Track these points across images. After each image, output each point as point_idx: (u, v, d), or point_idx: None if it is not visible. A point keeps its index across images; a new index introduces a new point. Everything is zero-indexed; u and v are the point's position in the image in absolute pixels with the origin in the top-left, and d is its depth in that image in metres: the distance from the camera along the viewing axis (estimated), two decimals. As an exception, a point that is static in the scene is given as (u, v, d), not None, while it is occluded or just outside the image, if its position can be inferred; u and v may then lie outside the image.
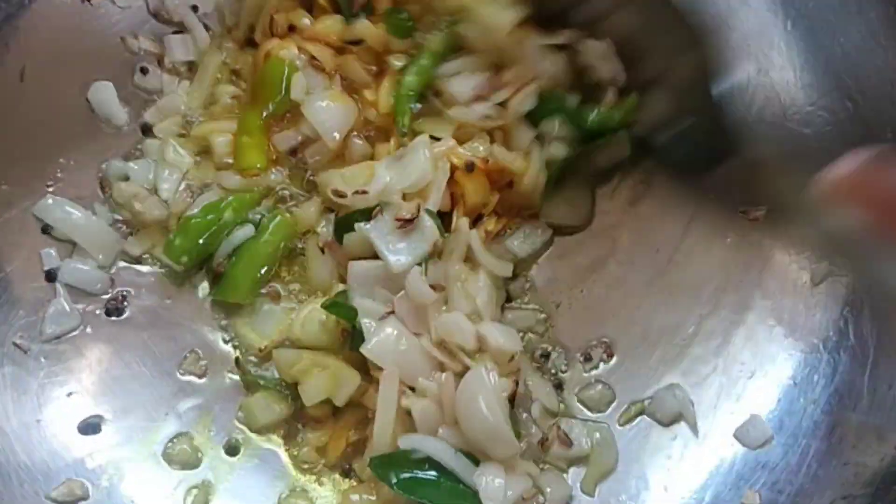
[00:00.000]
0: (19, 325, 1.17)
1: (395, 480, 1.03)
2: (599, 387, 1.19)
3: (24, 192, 1.20)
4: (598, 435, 1.17)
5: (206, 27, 1.28)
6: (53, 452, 1.13)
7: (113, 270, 1.22)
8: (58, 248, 1.21)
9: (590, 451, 1.15)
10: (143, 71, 1.26)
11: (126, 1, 1.27)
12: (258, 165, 1.22)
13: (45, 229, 1.21)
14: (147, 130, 1.26)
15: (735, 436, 1.15)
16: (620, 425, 1.18)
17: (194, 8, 1.28)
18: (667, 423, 1.17)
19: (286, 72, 1.20)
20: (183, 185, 1.23)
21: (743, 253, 1.21)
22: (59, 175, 1.23)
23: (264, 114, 1.21)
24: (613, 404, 1.19)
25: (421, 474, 1.04)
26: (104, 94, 1.25)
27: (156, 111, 1.26)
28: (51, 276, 1.20)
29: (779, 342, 1.18)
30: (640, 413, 1.18)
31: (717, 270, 1.21)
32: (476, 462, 1.05)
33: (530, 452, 1.15)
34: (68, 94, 1.24)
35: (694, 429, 1.16)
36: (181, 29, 1.28)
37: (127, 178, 1.23)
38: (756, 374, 1.17)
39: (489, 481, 1.03)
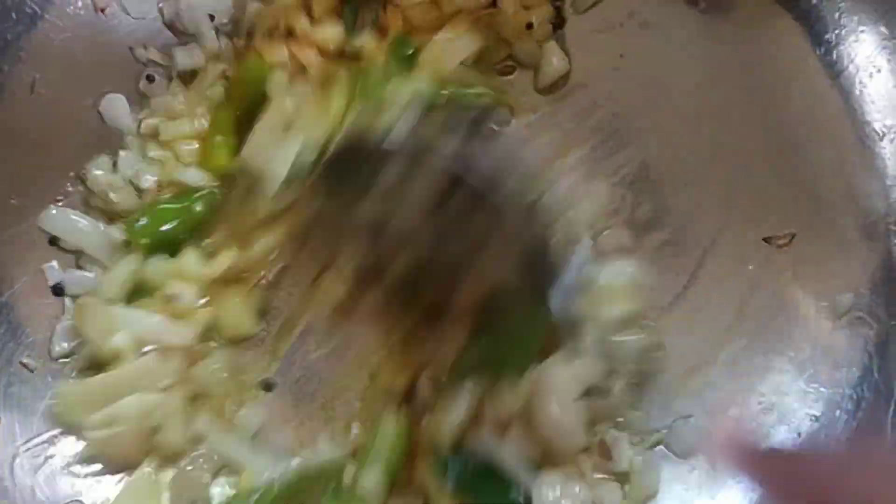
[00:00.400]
0: (27, 344, 1.15)
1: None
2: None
3: (34, 207, 1.18)
4: (639, 459, 1.14)
5: (219, 31, 1.25)
6: (60, 476, 1.11)
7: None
8: (61, 261, 1.18)
9: (629, 470, 1.13)
10: (150, 79, 1.24)
11: (140, 11, 1.24)
12: (223, 165, 1.19)
13: (53, 241, 1.19)
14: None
15: (754, 470, 1.13)
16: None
17: (211, 17, 1.25)
18: (683, 456, 1.15)
19: (265, 69, 1.18)
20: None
21: (765, 281, 1.18)
22: (69, 189, 1.21)
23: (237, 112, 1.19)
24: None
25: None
26: (116, 107, 1.23)
27: (149, 111, 1.24)
28: (58, 290, 1.17)
29: (799, 375, 1.15)
30: (657, 444, 1.15)
31: (737, 299, 1.18)
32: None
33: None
34: (80, 106, 1.21)
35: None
36: (194, 40, 1.26)
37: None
38: (776, 408, 1.14)
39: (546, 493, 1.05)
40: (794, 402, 1.15)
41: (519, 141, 1.23)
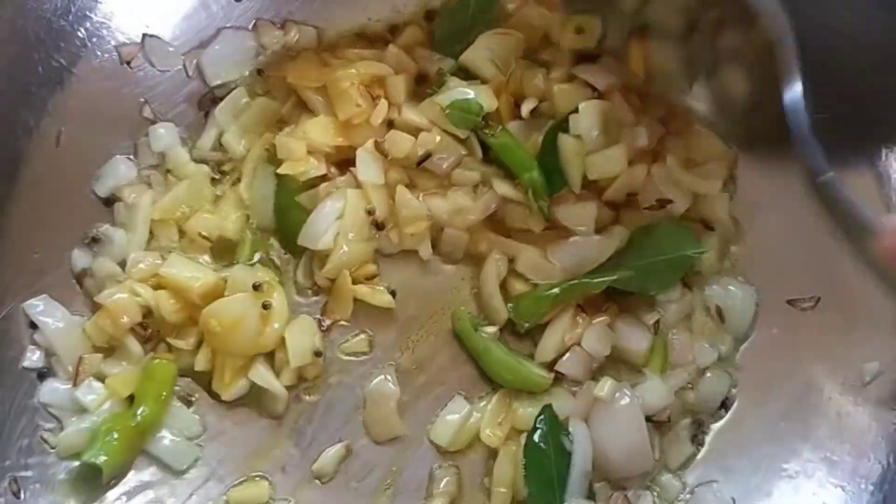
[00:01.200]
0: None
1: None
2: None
3: (56, 261, 1.18)
4: None
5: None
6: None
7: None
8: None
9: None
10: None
11: (165, 64, 1.25)
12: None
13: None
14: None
15: (778, 542, 1.12)
16: (657, 521, 1.15)
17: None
18: (707, 524, 1.14)
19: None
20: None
21: (788, 345, 1.17)
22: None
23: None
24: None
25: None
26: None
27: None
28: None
29: (826, 441, 1.14)
30: (682, 512, 1.15)
31: (760, 362, 1.18)
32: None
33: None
34: (104, 159, 1.21)
35: (733, 531, 1.13)
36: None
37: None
38: (800, 476, 1.13)
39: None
40: (819, 469, 1.13)
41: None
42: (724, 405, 1.17)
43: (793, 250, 1.18)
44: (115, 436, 1.10)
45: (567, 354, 1.15)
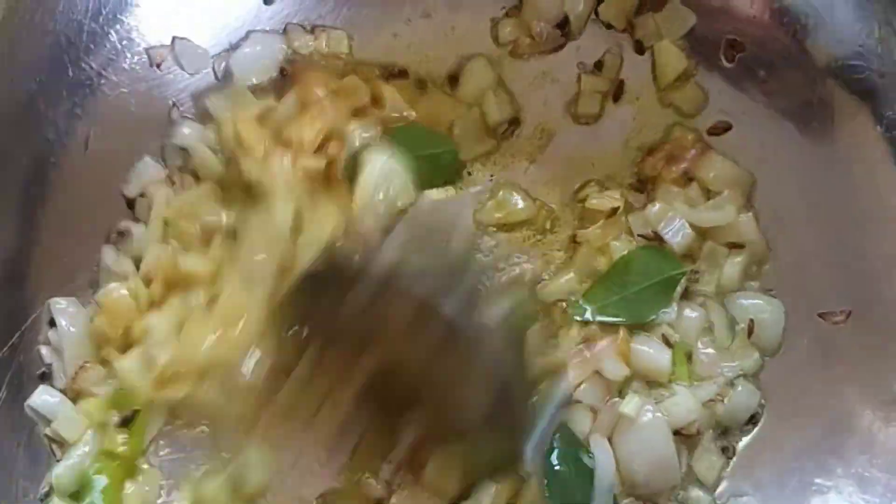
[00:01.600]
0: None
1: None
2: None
3: (86, 265, 1.18)
4: None
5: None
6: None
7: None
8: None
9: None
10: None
11: (195, 66, 1.24)
12: None
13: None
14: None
15: (808, 557, 1.11)
16: (688, 534, 1.14)
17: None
18: (738, 538, 1.13)
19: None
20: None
21: (819, 359, 1.16)
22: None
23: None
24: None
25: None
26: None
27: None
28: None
29: (857, 457, 1.12)
30: (712, 526, 1.14)
31: (790, 376, 1.17)
32: None
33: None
34: (132, 163, 1.21)
35: (763, 546, 1.13)
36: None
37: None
38: (831, 491, 1.12)
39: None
40: (851, 485, 1.12)
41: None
42: (753, 419, 1.16)
43: (824, 263, 1.18)
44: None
45: (584, 385, 1.13)
